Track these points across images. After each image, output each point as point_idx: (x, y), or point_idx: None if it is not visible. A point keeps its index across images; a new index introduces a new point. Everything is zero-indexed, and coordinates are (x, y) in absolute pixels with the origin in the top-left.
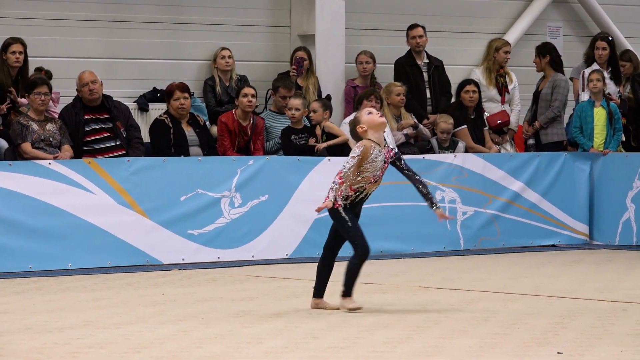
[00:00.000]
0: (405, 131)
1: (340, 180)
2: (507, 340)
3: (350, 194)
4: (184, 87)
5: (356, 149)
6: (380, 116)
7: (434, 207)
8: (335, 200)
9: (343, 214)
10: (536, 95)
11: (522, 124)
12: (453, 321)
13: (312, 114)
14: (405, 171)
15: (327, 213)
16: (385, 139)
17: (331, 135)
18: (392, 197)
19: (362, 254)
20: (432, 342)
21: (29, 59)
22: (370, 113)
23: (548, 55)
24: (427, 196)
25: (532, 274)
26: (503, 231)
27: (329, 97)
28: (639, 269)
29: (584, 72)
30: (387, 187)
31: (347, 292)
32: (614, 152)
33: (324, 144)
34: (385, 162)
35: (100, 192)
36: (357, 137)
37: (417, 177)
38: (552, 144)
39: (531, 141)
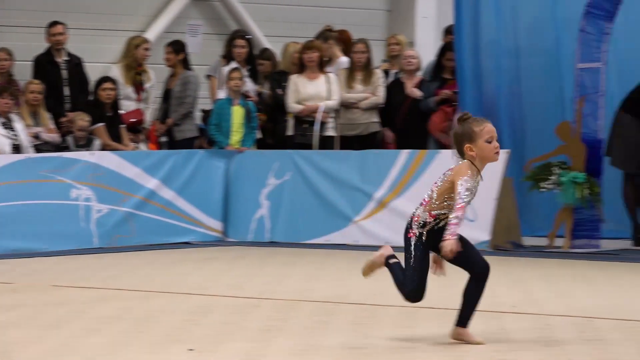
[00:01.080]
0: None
1: (425, 201)
2: (139, 338)
3: (428, 220)
4: None
5: (465, 178)
6: (497, 153)
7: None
8: (411, 227)
9: (412, 248)
10: (166, 92)
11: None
12: (85, 320)
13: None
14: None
15: None
16: None
17: None
18: (22, 196)
19: (407, 294)
20: (63, 342)
21: None
22: (490, 142)
23: (182, 53)
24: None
25: (166, 272)
26: (139, 229)
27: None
28: (270, 265)
29: (222, 69)
30: (17, 185)
31: None
32: (250, 149)
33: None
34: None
35: None
36: (461, 152)
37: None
38: (186, 140)
39: (164, 138)
